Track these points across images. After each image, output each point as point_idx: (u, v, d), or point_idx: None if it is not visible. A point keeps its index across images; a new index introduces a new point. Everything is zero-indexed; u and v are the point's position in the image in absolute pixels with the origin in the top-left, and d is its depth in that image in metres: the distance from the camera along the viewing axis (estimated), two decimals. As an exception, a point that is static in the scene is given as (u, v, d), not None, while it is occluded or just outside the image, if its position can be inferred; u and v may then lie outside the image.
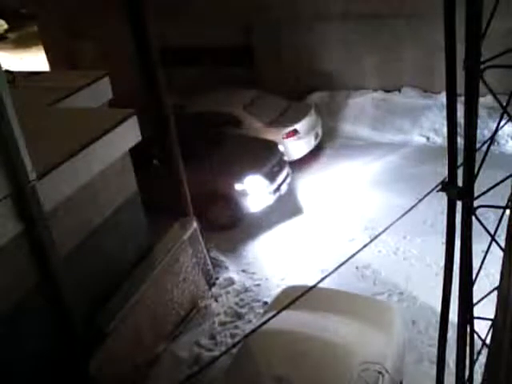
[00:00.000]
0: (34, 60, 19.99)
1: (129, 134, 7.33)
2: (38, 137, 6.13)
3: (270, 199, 10.47)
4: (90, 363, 6.58)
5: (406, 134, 12.71)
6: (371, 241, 3.58)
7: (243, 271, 9.34)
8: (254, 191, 10.27)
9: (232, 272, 9.29)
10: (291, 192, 11.13)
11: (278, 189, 10.60)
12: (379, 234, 3.73)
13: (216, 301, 8.73)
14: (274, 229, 10.37)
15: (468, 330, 3.11)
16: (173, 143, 8.44)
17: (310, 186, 11.45)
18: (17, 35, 25.27)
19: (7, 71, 7.16)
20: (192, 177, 9.20)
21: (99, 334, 6.85)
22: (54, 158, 6.24)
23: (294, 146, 11.79)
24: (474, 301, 3.08)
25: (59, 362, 6.41)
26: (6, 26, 25.51)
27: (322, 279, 3.24)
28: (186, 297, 8.43)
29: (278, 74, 13.96)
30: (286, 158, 11.17)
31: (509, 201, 2.89)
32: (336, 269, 3.29)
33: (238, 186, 10.19)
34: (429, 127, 12.61)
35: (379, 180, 11.37)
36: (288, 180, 10.98)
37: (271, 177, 10.51)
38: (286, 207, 10.77)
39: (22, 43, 23.60)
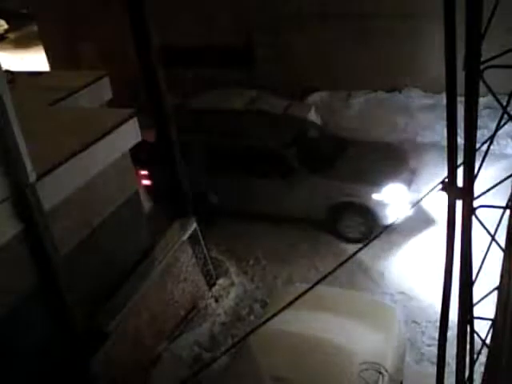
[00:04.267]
0: (34, 60, 19.97)
1: (129, 134, 7.33)
2: (38, 137, 6.13)
3: (409, 209, 9.32)
4: (90, 363, 6.58)
5: (407, 133, 12.71)
6: (370, 241, 3.58)
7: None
8: (394, 201, 9.32)
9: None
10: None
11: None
12: (379, 234, 3.74)
13: (216, 301, 8.73)
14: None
15: (468, 329, 3.11)
16: (173, 143, 8.44)
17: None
18: (17, 35, 25.22)
19: (7, 71, 7.16)
20: (320, 184, 9.03)
21: (99, 333, 6.85)
22: (54, 158, 6.25)
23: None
24: (474, 301, 3.08)
25: (60, 362, 6.41)
26: (6, 26, 25.46)
27: (322, 279, 3.23)
28: (186, 297, 8.43)
29: (278, 73, 13.95)
30: (414, 166, 10.19)
31: (509, 201, 2.89)
32: (335, 269, 3.29)
33: (376, 196, 9.31)
34: (429, 127, 12.61)
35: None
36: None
37: (409, 185, 9.61)
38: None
39: (22, 43, 23.54)
